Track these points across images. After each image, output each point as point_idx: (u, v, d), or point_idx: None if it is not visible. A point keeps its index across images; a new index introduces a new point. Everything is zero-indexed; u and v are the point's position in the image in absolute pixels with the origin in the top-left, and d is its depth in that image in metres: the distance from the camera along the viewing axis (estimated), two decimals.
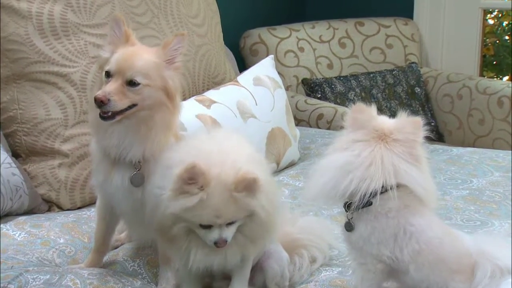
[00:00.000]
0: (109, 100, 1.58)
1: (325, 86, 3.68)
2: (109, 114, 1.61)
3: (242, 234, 1.54)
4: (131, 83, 1.62)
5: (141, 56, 1.65)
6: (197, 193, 1.46)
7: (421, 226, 1.50)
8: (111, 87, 1.60)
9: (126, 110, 1.62)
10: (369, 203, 1.47)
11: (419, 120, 1.53)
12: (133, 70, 1.62)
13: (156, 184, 1.56)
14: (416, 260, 1.51)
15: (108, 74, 1.64)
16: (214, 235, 1.49)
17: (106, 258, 1.88)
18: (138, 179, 1.69)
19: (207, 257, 1.55)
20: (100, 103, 1.59)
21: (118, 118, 1.62)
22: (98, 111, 1.63)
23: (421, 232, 1.51)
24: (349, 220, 1.52)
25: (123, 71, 1.62)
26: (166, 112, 1.67)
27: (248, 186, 1.47)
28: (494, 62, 4.85)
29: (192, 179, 1.46)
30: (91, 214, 2.18)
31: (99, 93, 1.60)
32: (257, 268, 1.73)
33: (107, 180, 1.72)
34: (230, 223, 1.50)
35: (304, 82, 3.73)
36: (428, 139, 1.56)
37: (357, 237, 1.51)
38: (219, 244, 1.50)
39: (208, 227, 1.50)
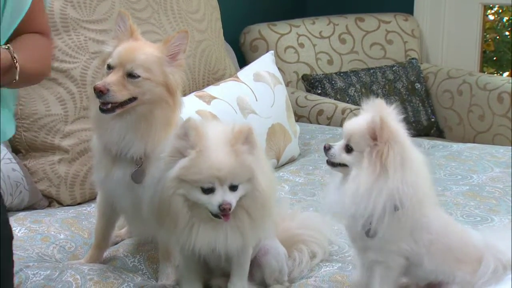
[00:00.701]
0: (108, 90, 1.58)
1: (325, 82, 3.68)
2: (109, 106, 1.61)
3: (243, 210, 1.53)
4: (131, 76, 1.62)
5: (143, 50, 1.65)
6: (193, 149, 1.47)
7: (431, 216, 1.53)
8: (111, 78, 1.61)
9: (125, 104, 1.62)
10: (396, 209, 1.48)
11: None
12: (134, 62, 1.62)
13: (154, 175, 1.58)
14: (429, 250, 1.53)
15: (109, 67, 1.64)
16: (217, 197, 1.48)
17: (106, 253, 1.89)
18: (139, 175, 1.69)
19: (210, 235, 1.53)
20: (99, 92, 1.58)
21: (117, 111, 1.62)
22: (99, 106, 1.63)
23: (432, 222, 1.53)
24: (370, 228, 1.51)
25: (124, 63, 1.62)
26: (166, 108, 1.67)
27: (246, 137, 1.49)
28: (494, 58, 4.84)
29: (186, 135, 1.47)
30: (91, 210, 2.18)
31: (99, 83, 1.60)
32: (255, 264, 1.72)
33: (108, 176, 1.72)
34: (232, 187, 1.49)
35: (304, 78, 3.73)
36: (429, 135, 1.56)
37: (379, 240, 1.51)
38: (224, 205, 1.47)
39: (210, 191, 1.49)
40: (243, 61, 3.57)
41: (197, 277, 1.68)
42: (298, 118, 3.36)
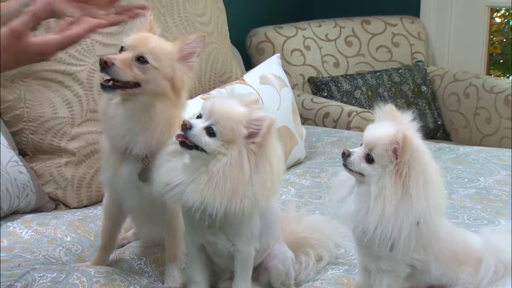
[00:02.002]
0: (113, 64, 1.57)
1: (331, 84, 3.68)
2: (110, 83, 1.60)
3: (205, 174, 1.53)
4: (140, 60, 1.61)
5: (157, 40, 1.65)
6: None
7: (439, 224, 1.52)
8: (120, 56, 1.60)
9: (127, 87, 1.61)
10: (418, 224, 1.47)
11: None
12: (145, 47, 1.61)
13: None
14: (437, 258, 1.52)
15: (122, 49, 1.63)
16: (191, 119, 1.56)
17: (112, 256, 1.89)
18: (146, 174, 1.69)
19: (168, 173, 1.56)
20: (103, 63, 1.56)
21: (118, 91, 1.61)
22: (106, 99, 1.63)
23: (440, 230, 1.53)
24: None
25: (135, 46, 1.61)
26: (168, 105, 1.65)
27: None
28: (501, 61, 4.84)
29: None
30: (98, 212, 2.18)
31: (105, 56, 1.59)
32: (262, 268, 1.73)
33: (115, 175, 1.72)
34: (209, 129, 1.52)
35: (311, 80, 3.73)
36: (435, 137, 1.55)
37: (395, 252, 1.50)
38: (184, 121, 1.52)
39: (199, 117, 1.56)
40: (249, 64, 3.58)
41: (204, 280, 1.68)
42: (304, 120, 3.36)
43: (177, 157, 1.56)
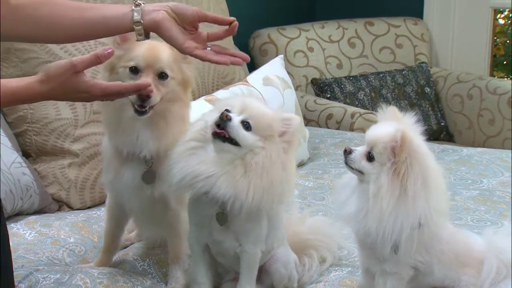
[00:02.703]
0: (149, 96, 1.58)
1: (334, 86, 3.67)
2: (147, 108, 1.60)
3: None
4: (162, 76, 1.62)
5: (163, 49, 1.64)
6: None
7: (441, 226, 1.52)
8: (149, 81, 1.59)
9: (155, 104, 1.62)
10: (420, 226, 1.47)
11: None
12: (162, 63, 1.62)
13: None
14: (440, 259, 1.52)
15: (136, 70, 1.61)
16: None
17: (116, 257, 1.89)
18: (150, 176, 1.69)
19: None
20: (146, 97, 1.57)
21: (150, 113, 1.61)
22: (115, 108, 1.62)
23: (442, 232, 1.53)
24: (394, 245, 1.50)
25: (152, 64, 1.61)
26: (181, 106, 1.67)
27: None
28: (505, 62, 4.83)
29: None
30: (101, 214, 2.19)
31: (143, 91, 1.57)
32: (264, 271, 1.72)
33: (118, 177, 1.72)
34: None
35: (314, 82, 3.73)
36: (438, 139, 1.55)
37: (399, 253, 1.50)
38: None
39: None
40: (252, 65, 3.57)
41: (207, 280, 1.68)
42: (308, 122, 3.36)
43: (201, 151, 1.56)
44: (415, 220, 1.44)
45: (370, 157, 1.48)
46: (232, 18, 1.57)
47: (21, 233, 2.01)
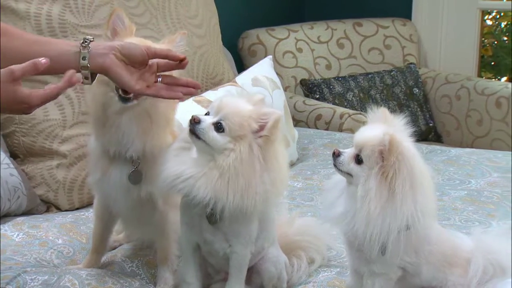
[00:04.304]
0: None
1: (323, 86, 3.68)
2: (131, 95, 1.58)
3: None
4: None
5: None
6: None
7: (429, 227, 1.52)
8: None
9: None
10: (408, 228, 1.47)
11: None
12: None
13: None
14: (428, 260, 1.53)
15: None
16: None
17: (104, 258, 1.88)
18: (136, 176, 1.69)
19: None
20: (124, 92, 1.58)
21: (135, 101, 1.60)
22: (102, 105, 1.62)
23: (431, 232, 1.53)
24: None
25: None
26: (167, 103, 1.67)
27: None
28: (492, 63, 4.85)
29: None
30: (89, 215, 2.18)
31: None
32: (254, 270, 1.73)
33: (105, 177, 1.71)
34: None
35: (303, 82, 3.73)
36: (427, 139, 1.55)
37: (387, 255, 1.50)
38: None
39: None
40: (241, 66, 3.58)
41: (197, 281, 1.68)
42: (296, 123, 3.36)
43: (185, 152, 1.56)
44: (402, 223, 1.44)
45: (358, 160, 1.48)
46: (183, 56, 1.56)
47: (8, 234, 2.00)
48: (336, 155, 1.52)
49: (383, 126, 1.49)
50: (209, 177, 1.50)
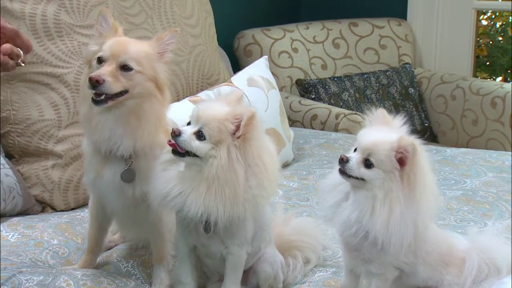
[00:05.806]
0: (104, 80, 1.58)
1: (319, 86, 3.68)
2: (102, 97, 1.60)
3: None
4: (125, 68, 1.62)
5: (134, 44, 1.66)
6: None
7: (427, 227, 1.53)
8: (105, 69, 1.60)
9: (117, 96, 1.61)
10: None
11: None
12: (127, 55, 1.62)
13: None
14: (425, 260, 1.53)
15: (100, 60, 1.63)
16: None
17: (99, 259, 1.88)
18: (129, 175, 1.69)
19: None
20: (95, 82, 1.57)
21: (110, 103, 1.61)
22: (89, 104, 1.63)
23: (428, 233, 1.53)
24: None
25: (116, 55, 1.62)
26: (155, 103, 1.67)
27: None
28: (488, 63, 4.86)
29: None
30: (85, 215, 2.17)
31: (94, 74, 1.59)
32: (251, 270, 1.73)
33: (99, 177, 1.71)
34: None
35: (298, 82, 3.74)
36: (422, 139, 1.55)
37: (385, 254, 1.50)
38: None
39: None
40: (237, 66, 3.58)
41: (192, 281, 1.68)
42: (292, 123, 3.37)
43: (172, 166, 1.56)
44: (418, 224, 1.45)
45: (368, 164, 1.47)
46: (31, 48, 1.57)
47: (3, 234, 2.00)
48: (344, 161, 1.49)
49: (387, 129, 1.49)
50: (198, 191, 1.49)
